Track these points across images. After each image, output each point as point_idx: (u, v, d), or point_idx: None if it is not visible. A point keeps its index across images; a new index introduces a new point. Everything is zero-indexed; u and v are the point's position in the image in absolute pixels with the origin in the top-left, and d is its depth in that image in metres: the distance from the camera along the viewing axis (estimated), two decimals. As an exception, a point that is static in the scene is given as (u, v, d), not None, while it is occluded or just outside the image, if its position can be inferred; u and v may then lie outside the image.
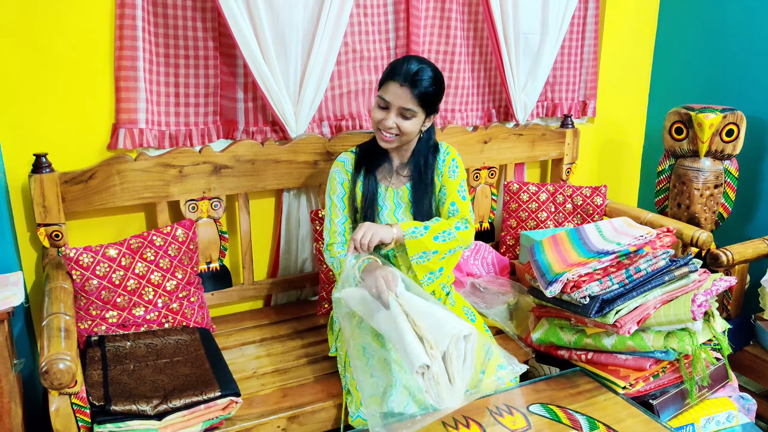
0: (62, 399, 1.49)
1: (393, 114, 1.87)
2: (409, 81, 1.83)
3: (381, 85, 1.90)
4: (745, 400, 2.07)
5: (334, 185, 2.01)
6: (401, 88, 1.84)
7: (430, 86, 1.86)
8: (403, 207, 2.01)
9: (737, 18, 2.81)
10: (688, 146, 2.65)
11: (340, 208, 2.00)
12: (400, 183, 2.02)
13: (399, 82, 1.84)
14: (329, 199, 2.01)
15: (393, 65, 1.89)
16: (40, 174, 1.91)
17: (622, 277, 1.85)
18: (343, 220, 2.00)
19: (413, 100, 1.85)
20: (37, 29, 1.92)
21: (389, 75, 1.87)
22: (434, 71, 1.88)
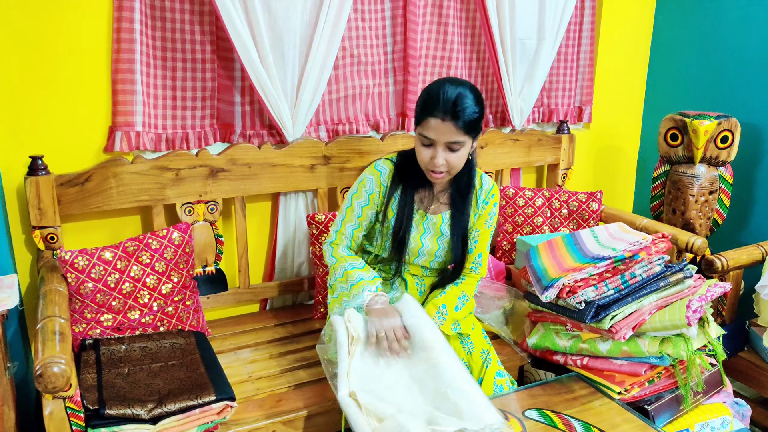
0: (56, 403, 1.48)
1: (440, 150, 1.75)
2: (450, 113, 1.69)
3: (419, 121, 1.76)
4: (740, 406, 2.08)
5: (360, 191, 1.90)
6: (444, 123, 1.71)
7: (473, 112, 1.73)
8: (431, 233, 1.94)
9: (732, 26, 2.82)
10: (683, 152, 2.66)
11: (357, 215, 1.91)
12: (437, 210, 1.94)
13: (440, 117, 1.70)
14: (350, 201, 1.92)
15: (428, 97, 1.74)
16: (35, 176, 1.90)
17: (618, 283, 1.86)
18: (356, 226, 1.92)
19: (459, 131, 1.72)
20: (34, 31, 1.92)
21: (427, 110, 1.73)
22: (473, 91, 1.76)
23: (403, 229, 1.89)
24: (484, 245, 1.98)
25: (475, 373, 1.87)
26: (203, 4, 2.13)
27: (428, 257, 1.96)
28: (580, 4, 2.89)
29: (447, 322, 1.89)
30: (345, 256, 1.92)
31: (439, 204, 1.95)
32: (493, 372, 1.87)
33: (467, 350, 1.90)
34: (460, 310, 1.93)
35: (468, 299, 1.96)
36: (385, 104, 2.57)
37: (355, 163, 2.40)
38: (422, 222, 1.93)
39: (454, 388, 1.60)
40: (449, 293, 1.94)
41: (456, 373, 1.65)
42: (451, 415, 1.56)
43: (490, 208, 1.96)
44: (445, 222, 1.93)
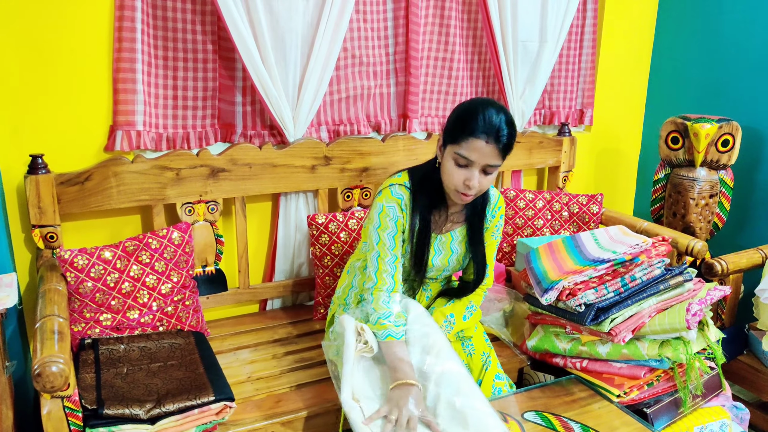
0: (54, 402, 1.48)
1: (476, 172, 1.69)
2: (494, 136, 1.64)
3: (457, 140, 1.68)
4: (739, 410, 2.08)
5: (385, 222, 1.78)
6: (487, 145, 1.65)
7: (511, 138, 1.69)
8: (442, 253, 1.91)
9: (733, 29, 2.82)
10: (683, 156, 2.66)
11: (391, 247, 1.79)
12: (451, 228, 1.91)
13: (484, 139, 1.64)
14: (377, 236, 1.79)
15: (471, 117, 1.67)
16: (35, 175, 1.90)
17: (618, 286, 1.86)
18: (393, 259, 1.79)
19: (499, 155, 1.68)
20: (35, 30, 1.92)
21: (469, 130, 1.66)
22: (510, 117, 1.71)
23: (426, 253, 1.84)
24: (491, 256, 1.97)
25: (475, 375, 1.87)
26: (205, 4, 2.13)
27: (436, 272, 1.95)
28: (582, 7, 2.89)
29: (454, 331, 1.90)
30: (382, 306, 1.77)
31: (453, 223, 1.91)
32: (493, 375, 1.87)
33: (468, 352, 1.90)
34: (468, 320, 1.93)
35: (475, 309, 1.96)
36: (387, 105, 2.57)
37: (356, 164, 2.40)
38: (432, 243, 1.89)
39: (459, 395, 1.60)
40: (457, 302, 1.94)
41: (461, 380, 1.64)
42: (457, 424, 1.56)
43: (497, 220, 1.94)
44: (455, 240, 1.91)
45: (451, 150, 1.71)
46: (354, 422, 1.55)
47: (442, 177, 1.77)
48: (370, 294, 1.80)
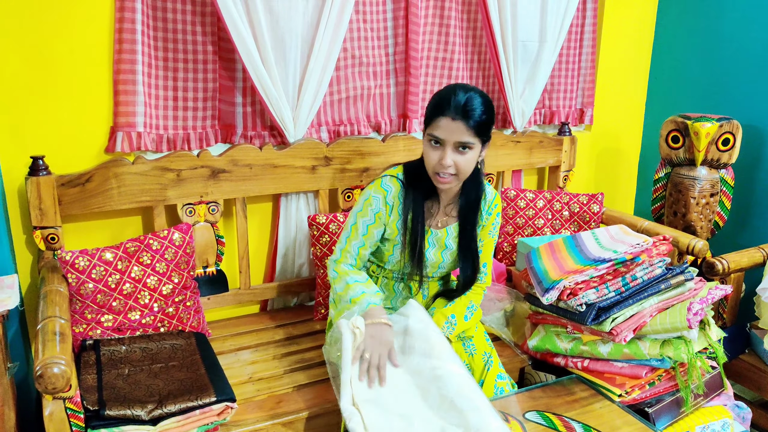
0: (56, 403, 1.48)
1: (449, 150, 1.72)
2: (461, 113, 1.69)
3: (429, 122, 1.76)
4: (741, 409, 2.08)
5: (366, 210, 1.85)
6: (454, 122, 1.70)
7: (483, 113, 1.72)
8: (436, 247, 1.92)
9: (733, 28, 2.82)
10: (684, 155, 2.66)
11: (362, 233, 1.86)
12: (443, 224, 1.92)
13: (450, 116, 1.70)
14: (354, 218, 1.87)
15: (439, 99, 1.74)
16: (36, 176, 1.90)
17: (619, 285, 1.86)
18: (361, 244, 1.87)
19: (469, 131, 1.71)
20: (36, 32, 1.92)
21: (437, 110, 1.73)
22: (483, 97, 1.75)
23: (420, 245, 1.86)
24: (489, 255, 1.98)
25: (477, 375, 1.87)
26: (205, 5, 2.13)
27: (431, 269, 1.95)
28: (581, 6, 2.89)
29: (456, 331, 1.90)
30: (347, 270, 1.88)
31: (448, 218, 1.92)
32: (494, 375, 1.87)
33: (469, 353, 1.90)
34: (469, 320, 1.93)
35: (476, 308, 1.96)
36: (387, 105, 2.57)
37: (356, 164, 2.40)
38: (427, 237, 1.90)
39: (461, 396, 1.59)
40: (458, 303, 1.94)
41: (463, 381, 1.64)
42: (457, 425, 1.55)
43: (494, 218, 1.95)
44: (450, 235, 1.92)
45: (426, 134, 1.78)
46: (354, 430, 1.54)
47: (424, 162, 1.82)
48: (331, 263, 1.91)
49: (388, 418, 1.59)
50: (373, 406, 1.61)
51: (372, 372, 1.67)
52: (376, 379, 1.66)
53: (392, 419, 1.58)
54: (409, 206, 1.84)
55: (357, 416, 1.56)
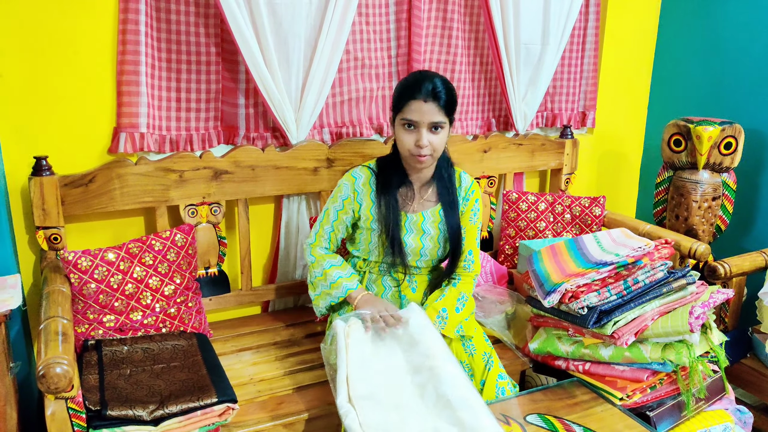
0: (58, 403, 1.48)
1: (424, 131, 1.83)
2: (431, 95, 1.81)
3: (400, 108, 1.86)
4: (742, 413, 2.07)
5: (336, 196, 1.99)
6: (426, 103, 1.81)
7: (450, 94, 1.86)
8: (414, 232, 1.97)
9: (736, 32, 2.82)
10: (686, 158, 2.66)
11: (333, 219, 2.00)
12: (418, 208, 1.98)
13: (422, 98, 1.81)
14: (328, 205, 2.01)
15: (407, 85, 1.85)
16: (40, 177, 1.90)
17: (620, 288, 1.85)
18: (332, 229, 2.01)
19: (441, 111, 1.83)
20: (40, 33, 1.93)
21: (408, 95, 1.83)
22: (445, 80, 1.88)
23: (393, 229, 1.93)
24: (473, 242, 2.02)
25: (477, 375, 1.87)
26: (208, 7, 2.13)
27: (414, 256, 1.99)
28: (584, 9, 2.90)
29: (449, 325, 1.90)
30: (323, 255, 2.01)
31: (423, 201, 1.99)
32: (495, 375, 1.86)
33: (469, 353, 1.90)
34: (461, 312, 1.94)
35: (467, 299, 1.98)
36: (389, 107, 2.57)
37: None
38: (404, 222, 1.97)
39: (456, 396, 1.60)
40: (448, 295, 1.95)
41: (459, 381, 1.65)
42: (452, 424, 1.56)
43: (472, 204, 2.02)
44: (427, 220, 1.98)
45: (398, 119, 1.87)
46: (350, 427, 1.55)
47: (399, 150, 1.92)
48: (307, 246, 2.04)
49: (384, 414, 1.59)
50: (368, 403, 1.61)
51: (390, 321, 1.78)
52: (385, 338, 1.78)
53: (388, 416, 1.59)
54: (381, 191, 1.93)
55: (353, 413, 1.57)
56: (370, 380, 1.67)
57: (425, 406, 1.62)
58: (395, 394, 1.65)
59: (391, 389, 1.66)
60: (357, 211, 1.98)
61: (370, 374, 1.69)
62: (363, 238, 2.00)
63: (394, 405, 1.62)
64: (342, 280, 1.95)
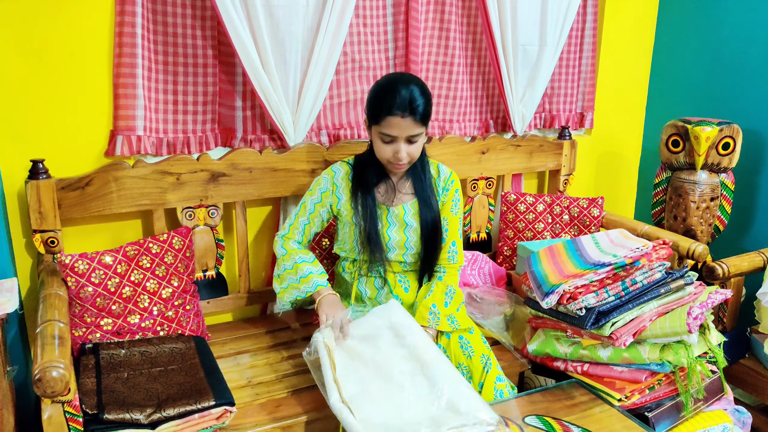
0: (55, 407, 1.48)
1: (402, 145, 1.85)
2: (408, 110, 1.79)
3: (377, 120, 1.84)
4: (741, 414, 2.07)
5: (315, 189, 2.03)
6: (403, 119, 1.80)
7: (426, 104, 1.84)
8: (396, 225, 2.00)
9: (734, 32, 2.82)
10: (684, 159, 2.66)
11: (309, 211, 2.03)
12: (398, 201, 2.01)
13: (399, 114, 1.79)
14: (304, 198, 2.04)
15: (383, 96, 1.81)
16: (36, 180, 1.90)
17: (618, 289, 1.85)
18: (307, 221, 2.04)
19: (417, 125, 1.83)
20: (36, 35, 1.93)
21: (384, 110, 1.80)
22: (421, 86, 1.84)
23: (370, 224, 1.94)
24: (456, 233, 2.05)
25: (476, 377, 1.86)
26: (205, 9, 2.13)
27: (399, 250, 2.01)
28: (582, 10, 2.90)
29: (442, 320, 1.92)
30: (296, 249, 2.03)
31: (401, 195, 2.01)
32: (494, 377, 1.86)
33: (467, 355, 1.90)
34: (449, 305, 1.96)
35: (455, 291, 2.00)
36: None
37: (356, 168, 2.40)
38: (385, 216, 1.99)
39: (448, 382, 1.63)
40: (435, 291, 1.98)
41: (447, 368, 1.68)
42: (447, 409, 1.57)
43: (452, 194, 2.04)
44: (408, 212, 2.00)
45: (375, 130, 1.87)
46: (346, 423, 1.56)
47: (376, 155, 1.94)
48: (279, 238, 2.06)
49: (379, 407, 1.61)
50: (362, 399, 1.63)
51: (336, 332, 1.81)
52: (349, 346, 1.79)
53: (383, 408, 1.61)
54: (357, 187, 1.95)
55: (346, 410, 1.58)
56: (359, 378, 1.69)
57: (418, 397, 1.63)
58: (386, 386, 1.67)
59: (382, 383, 1.68)
60: (335, 205, 2.01)
61: (359, 373, 1.71)
62: (346, 236, 2.03)
63: (388, 397, 1.64)
64: (313, 276, 1.97)
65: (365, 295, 2.06)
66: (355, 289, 2.05)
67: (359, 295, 2.07)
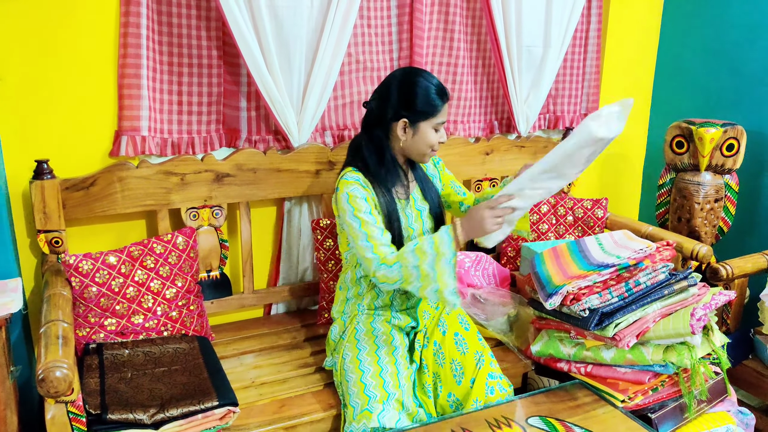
0: (58, 407, 1.48)
1: (442, 129, 1.93)
2: (447, 96, 1.90)
3: (432, 114, 1.86)
4: (744, 415, 2.07)
5: (357, 203, 1.82)
6: (448, 105, 1.92)
7: None
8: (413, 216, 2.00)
9: (738, 33, 2.82)
10: (688, 160, 2.66)
11: (373, 222, 1.82)
12: (410, 190, 2.01)
13: (447, 101, 1.90)
14: (355, 220, 1.81)
15: (437, 89, 1.87)
16: (41, 180, 1.91)
17: (622, 290, 1.85)
18: (381, 232, 1.82)
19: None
20: (42, 36, 1.93)
21: (437, 100, 1.86)
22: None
23: (397, 227, 1.92)
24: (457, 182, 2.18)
25: (468, 374, 1.86)
26: (210, 10, 2.14)
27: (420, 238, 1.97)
28: (586, 12, 2.89)
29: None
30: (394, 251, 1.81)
31: (406, 188, 2.01)
32: (486, 373, 1.85)
33: (461, 351, 1.90)
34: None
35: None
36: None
37: (359, 169, 2.40)
38: (403, 211, 1.98)
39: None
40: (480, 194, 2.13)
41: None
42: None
43: (442, 165, 2.18)
44: (417, 199, 2.02)
45: (427, 125, 1.89)
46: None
47: (413, 147, 1.92)
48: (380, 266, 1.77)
49: None
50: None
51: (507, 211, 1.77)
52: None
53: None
54: (381, 191, 1.91)
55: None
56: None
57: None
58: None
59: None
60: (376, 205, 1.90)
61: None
62: None
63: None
64: (429, 238, 1.75)
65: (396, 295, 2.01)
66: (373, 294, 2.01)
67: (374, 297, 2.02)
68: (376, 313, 1.99)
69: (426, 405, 1.87)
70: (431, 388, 1.89)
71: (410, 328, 2.00)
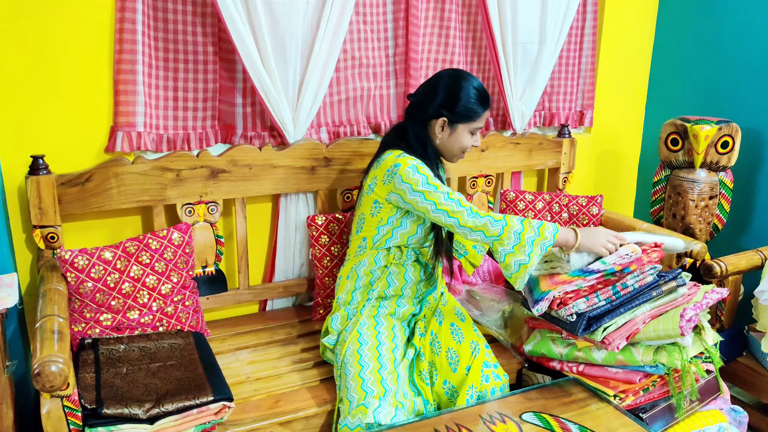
0: (54, 401, 1.49)
1: (478, 133, 2.04)
2: (489, 103, 2.01)
3: (473, 117, 1.97)
4: (737, 413, 2.07)
5: (426, 172, 1.87)
6: (489, 111, 2.05)
7: None
8: None
9: (733, 31, 2.82)
10: (683, 157, 2.67)
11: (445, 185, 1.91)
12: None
13: (489, 108, 2.01)
14: (430, 186, 1.85)
15: (481, 98, 1.96)
16: (36, 176, 1.91)
17: (609, 294, 1.84)
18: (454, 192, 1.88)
19: None
20: (37, 31, 1.93)
21: (481, 105, 1.97)
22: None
23: None
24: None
25: (463, 361, 1.87)
26: (205, 6, 2.13)
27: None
28: (582, 9, 2.90)
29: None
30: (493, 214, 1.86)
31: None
32: (481, 362, 1.86)
33: (457, 341, 1.91)
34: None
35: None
36: (386, 107, 2.58)
37: (355, 165, 2.41)
38: None
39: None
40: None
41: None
42: None
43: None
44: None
45: (465, 127, 1.99)
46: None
47: (447, 146, 2.03)
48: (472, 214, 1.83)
49: None
50: None
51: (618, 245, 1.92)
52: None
53: None
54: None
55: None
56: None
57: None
58: None
59: None
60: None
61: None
62: (417, 224, 1.99)
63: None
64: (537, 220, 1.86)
65: (408, 284, 2.03)
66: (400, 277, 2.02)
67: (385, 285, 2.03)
68: (381, 305, 2.00)
69: (423, 391, 1.88)
70: (428, 375, 1.91)
71: (411, 315, 2.02)
